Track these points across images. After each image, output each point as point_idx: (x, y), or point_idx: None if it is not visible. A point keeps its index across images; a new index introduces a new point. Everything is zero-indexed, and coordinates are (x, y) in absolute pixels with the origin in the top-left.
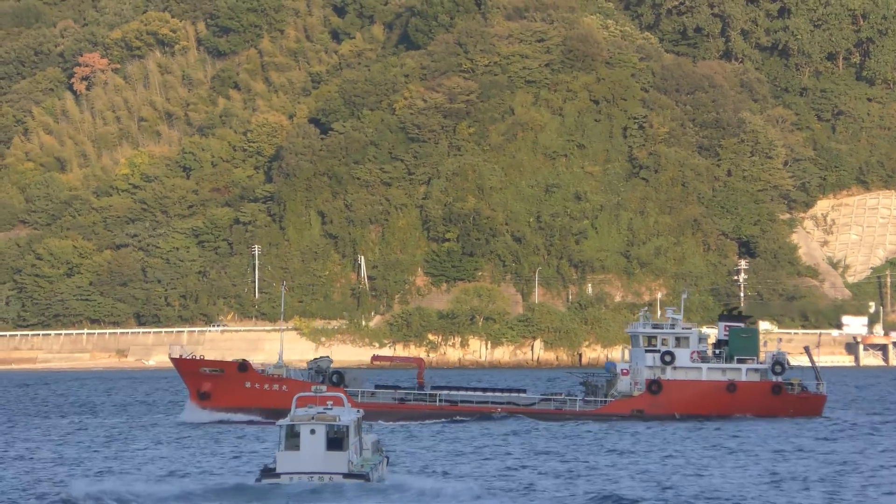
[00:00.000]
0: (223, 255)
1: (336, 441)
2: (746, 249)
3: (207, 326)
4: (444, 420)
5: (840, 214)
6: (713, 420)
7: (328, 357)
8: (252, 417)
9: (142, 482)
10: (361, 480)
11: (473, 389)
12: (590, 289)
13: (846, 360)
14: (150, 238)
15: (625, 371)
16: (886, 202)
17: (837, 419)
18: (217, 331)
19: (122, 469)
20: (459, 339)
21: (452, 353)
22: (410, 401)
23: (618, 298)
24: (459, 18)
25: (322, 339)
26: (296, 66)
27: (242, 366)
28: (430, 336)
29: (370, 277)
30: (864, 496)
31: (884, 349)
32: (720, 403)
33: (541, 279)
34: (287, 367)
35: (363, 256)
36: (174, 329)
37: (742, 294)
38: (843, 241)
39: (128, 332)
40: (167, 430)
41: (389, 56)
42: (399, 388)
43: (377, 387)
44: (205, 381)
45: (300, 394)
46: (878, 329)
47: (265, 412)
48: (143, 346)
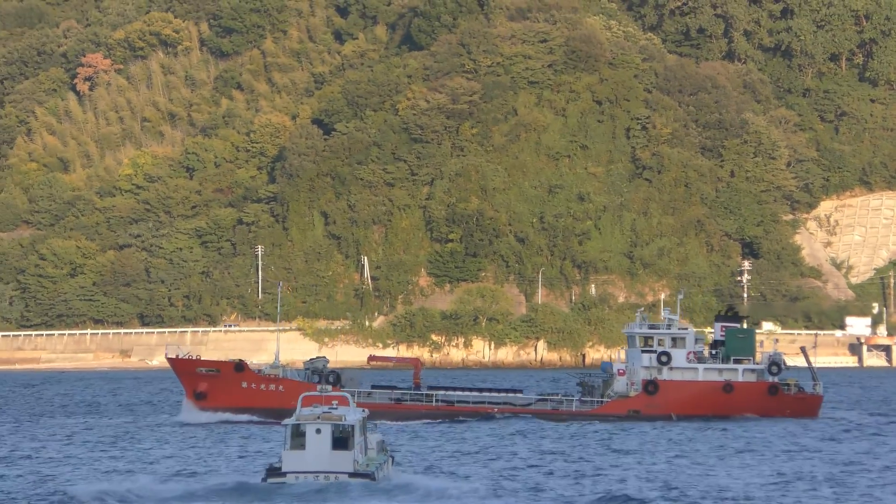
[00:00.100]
0: (226, 256)
1: (341, 440)
2: (750, 250)
3: (213, 326)
4: (441, 420)
5: (843, 215)
6: (711, 420)
7: (324, 357)
8: (250, 417)
9: (147, 482)
10: (367, 480)
11: (470, 390)
12: (593, 289)
13: (850, 361)
14: (154, 238)
15: (621, 371)
16: (890, 203)
17: (843, 419)
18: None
19: (128, 469)
20: (463, 340)
21: (456, 354)
22: (407, 401)
23: (621, 299)
24: (462, 19)
25: (325, 340)
26: (299, 67)
27: (239, 366)
28: (434, 337)
29: (373, 278)
30: (872, 497)
31: (887, 350)
32: (717, 404)
33: (544, 280)
34: (283, 368)
35: (366, 257)
36: (177, 329)
37: (745, 295)
38: (847, 242)
39: (131, 333)
40: (172, 431)
41: (392, 57)
42: (396, 389)
43: (374, 387)
44: (201, 382)
45: (306, 393)
46: (882, 330)
47: (261, 412)
48: (147, 347)
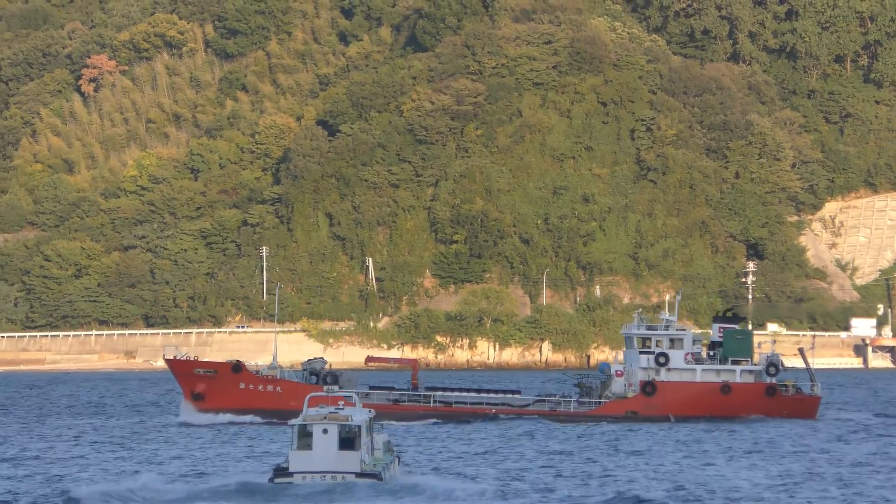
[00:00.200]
0: (231, 257)
1: (348, 441)
2: (754, 251)
3: (218, 328)
4: (438, 421)
5: (848, 217)
6: (709, 422)
7: (322, 358)
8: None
9: (154, 482)
10: (374, 480)
11: (468, 390)
12: (598, 291)
13: (855, 363)
14: (158, 239)
15: (619, 372)
16: (895, 204)
17: (850, 420)
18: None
19: (136, 470)
20: (467, 341)
21: (460, 355)
22: (405, 402)
23: (626, 300)
24: (467, 20)
25: (330, 341)
26: (303, 68)
27: (236, 367)
28: (438, 338)
29: (378, 279)
30: (882, 497)
31: (892, 351)
32: (714, 405)
33: (549, 281)
34: (281, 369)
35: (371, 258)
36: (182, 330)
37: (750, 296)
38: (852, 244)
39: (136, 334)
40: (179, 431)
41: (397, 58)
42: (393, 390)
43: (371, 388)
44: (199, 383)
45: (312, 394)
46: (887, 331)
47: (259, 413)
48: (152, 348)
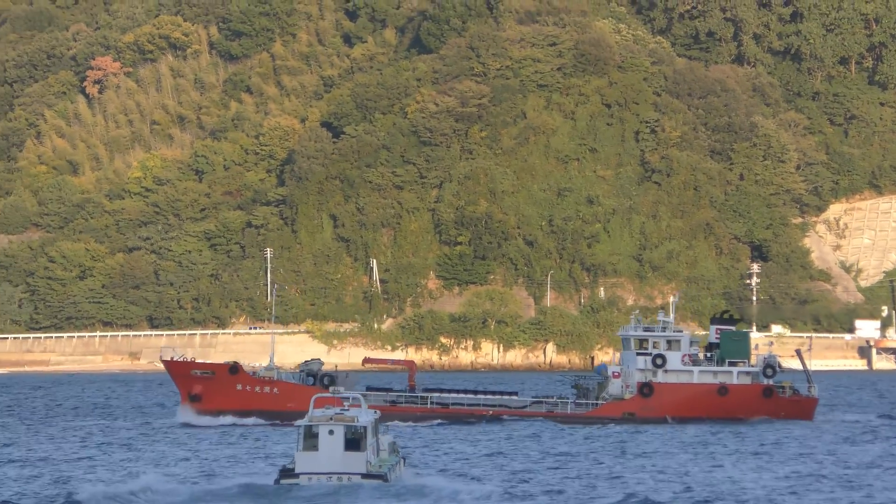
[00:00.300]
0: (235, 259)
1: (354, 442)
2: (759, 253)
3: (223, 329)
4: (436, 422)
5: (852, 218)
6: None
7: (319, 360)
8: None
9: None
10: (380, 481)
11: (465, 392)
12: (602, 292)
13: (859, 364)
14: (163, 241)
15: (616, 374)
16: None
17: (857, 422)
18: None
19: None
20: (471, 343)
21: (465, 357)
22: (402, 403)
23: (630, 302)
24: (471, 22)
25: (334, 342)
26: (308, 70)
27: (233, 368)
28: (442, 339)
29: (382, 281)
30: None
31: None
32: (711, 406)
33: (553, 283)
34: (278, 370)
35: (375, 260)
36: (186, 332)
37: (754, 298)
38: (856, 246)
39: (140, 335)
40: (185, 432)
41: (401, 60)
42: (391, 391)
43: (368, 389)
44: (196, 384)
45: (318, 395)
46: (891, 333)
47: (256, 414)
48: (156, 349)
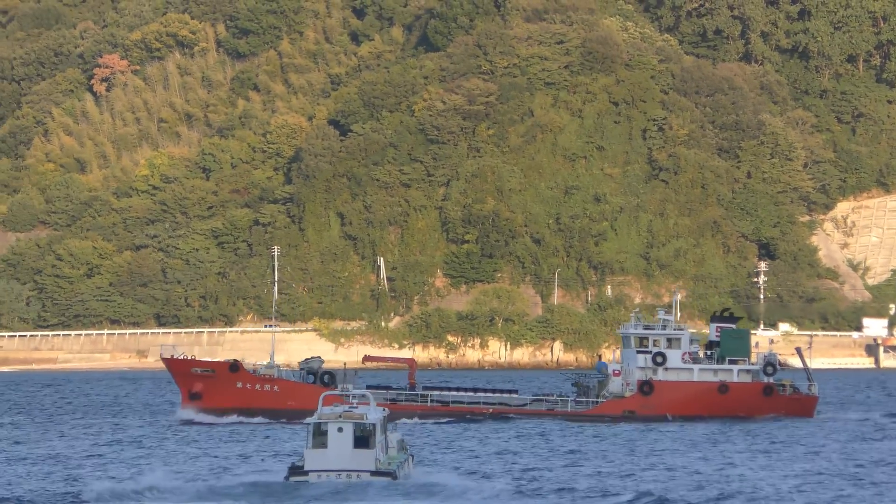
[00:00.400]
0: (242, 257)
1: (363, 439)
2: (766, 251)
3: (230, 327)
4: (436, 421)
5: (860, 216)
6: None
7: (319, 357)
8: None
9: (168, 481)
10: (389, 478)
11: (465, 390)
12: (609, 290)
13: (866, 363)
14: (170, 239)
15: (616, 372)
16: None
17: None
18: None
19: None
20: (479, 341)
21: (472, 355)
22: (402, 401)
23: (637, 300)
24: (479, 20)
25: (341, 341)
26: (315, 68)
27: (234, 366)
28: (450, 337)
29: (389, 279)
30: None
31: None
32: (712, 404)
33: (560, 281)
34: (278, 368)
35: (382, 258)
36: (194, 330)
37: (762, 296)
38: (863, 244)
39: (147, 333)
40: (194, 430)
41: (409, 58)
42: (391, 389)
43: (368, 387)
44: (196, 382)
45: (327, 392)
46: None
47: (257, 412)
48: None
